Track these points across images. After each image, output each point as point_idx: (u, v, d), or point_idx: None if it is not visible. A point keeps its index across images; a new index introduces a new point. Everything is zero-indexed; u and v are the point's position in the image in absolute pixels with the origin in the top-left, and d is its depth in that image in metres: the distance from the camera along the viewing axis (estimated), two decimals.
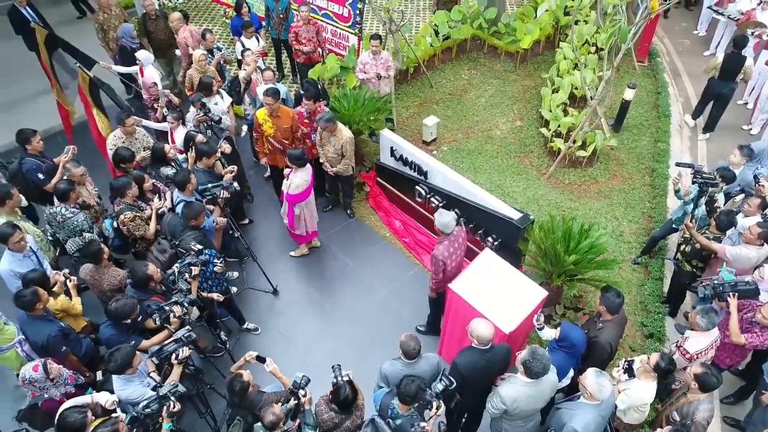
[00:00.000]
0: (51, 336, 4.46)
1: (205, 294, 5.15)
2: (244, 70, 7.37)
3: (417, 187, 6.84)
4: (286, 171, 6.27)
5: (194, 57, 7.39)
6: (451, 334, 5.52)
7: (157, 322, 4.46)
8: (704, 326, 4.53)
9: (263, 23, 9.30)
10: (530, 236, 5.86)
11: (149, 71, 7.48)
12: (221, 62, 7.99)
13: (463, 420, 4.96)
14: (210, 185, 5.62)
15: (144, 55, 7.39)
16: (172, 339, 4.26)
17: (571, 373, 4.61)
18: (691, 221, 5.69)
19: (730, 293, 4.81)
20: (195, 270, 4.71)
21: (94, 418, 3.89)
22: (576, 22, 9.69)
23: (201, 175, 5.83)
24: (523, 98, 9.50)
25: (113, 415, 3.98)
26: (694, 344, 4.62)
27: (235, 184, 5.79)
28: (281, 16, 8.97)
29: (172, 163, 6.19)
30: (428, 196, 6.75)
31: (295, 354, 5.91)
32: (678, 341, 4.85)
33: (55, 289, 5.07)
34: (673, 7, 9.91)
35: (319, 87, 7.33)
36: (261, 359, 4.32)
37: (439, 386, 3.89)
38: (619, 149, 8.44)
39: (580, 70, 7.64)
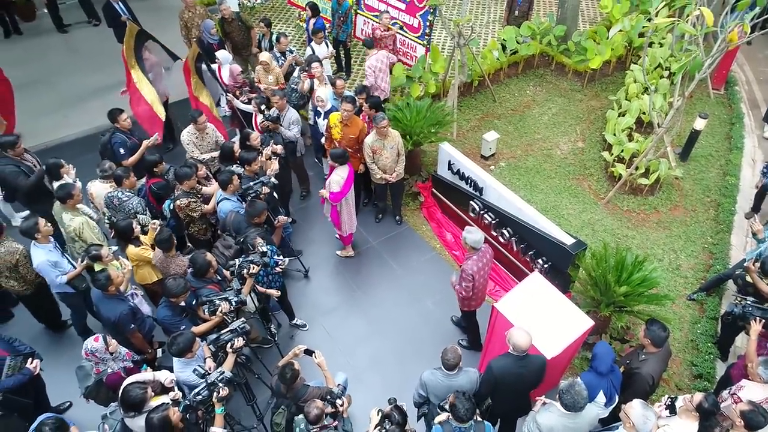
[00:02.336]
0: (122, 313, 4.90)
1: (262, 289, 5.45)
2: (306, 81, 7.67)
3: (471, 202, 6.92)
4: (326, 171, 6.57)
5: (260, 58, 8.00)
6: (492, 350, 5.57)
7: (206, 313, 4.80)
8: (766, 378, 4.37)
9: (328, 25, 9.70)
10: (581, 263, 5.83)
11: (226, 69, 7.93)
12: (293, 64, 8.34)
13: (496, 427, 5.03)
14: (252, 183, 5.94)
15: (223, 55, 7.92)
16: (228, 329, 4.56)
17: (603, 398, 4.56)
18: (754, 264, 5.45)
19: (757, 318, 4.73)
20: (254, 269, 4.99)
21: (153, 394, 4.26)
22: (650, 45, 9.43)
23: (246, 180, 6.09)
24: (588, 119, 9.36)
25: (171, 393, 4.33)
26: (750, 394, 4.44)
27: (273, 179, 6.11)
28: (341, 18, 9.52)
29: (239, 162, 6.53)
30: (482, 212, 6.82)
31: (338, 354, 6.11)
32: (731, 388, 4.71)
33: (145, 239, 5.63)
34: None
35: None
36: (309, 352, 4.59)
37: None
38: (684, 179, 8.18)
39: (650, 95, 7.46)
